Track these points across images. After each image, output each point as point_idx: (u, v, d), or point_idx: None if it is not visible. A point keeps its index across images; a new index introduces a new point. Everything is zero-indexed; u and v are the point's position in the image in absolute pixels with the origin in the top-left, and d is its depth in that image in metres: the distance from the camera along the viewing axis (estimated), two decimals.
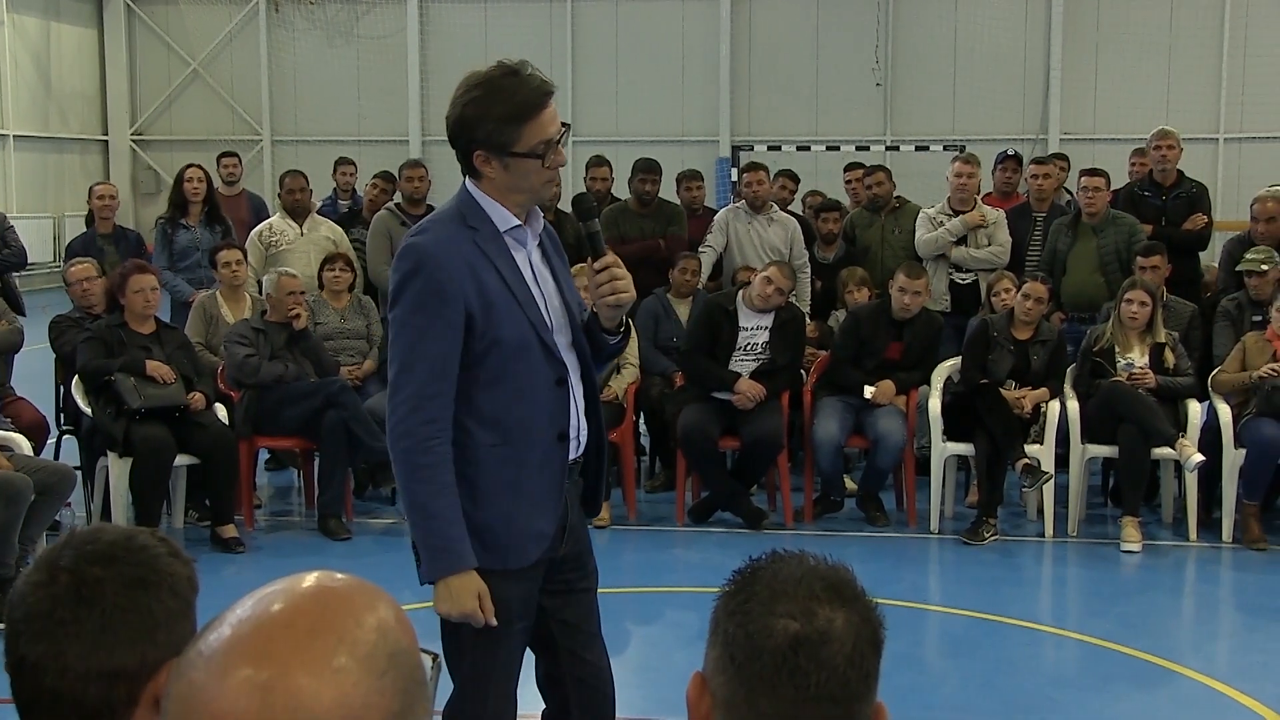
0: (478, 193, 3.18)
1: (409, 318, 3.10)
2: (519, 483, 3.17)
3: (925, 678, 5.57)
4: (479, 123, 3.09)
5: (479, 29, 22.13)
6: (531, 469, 3.19)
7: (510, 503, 3.17)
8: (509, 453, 3.16)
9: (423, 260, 3.09)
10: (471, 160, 3.15)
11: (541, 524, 3.20)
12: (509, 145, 3.09)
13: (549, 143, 3.10)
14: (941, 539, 7.58)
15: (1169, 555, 7.41)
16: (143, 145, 23.79)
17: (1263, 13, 19.99)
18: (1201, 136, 19.03)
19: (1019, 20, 20.89)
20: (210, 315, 8.17)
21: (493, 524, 3.15)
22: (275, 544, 7.55)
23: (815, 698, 1.45)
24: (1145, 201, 8.80)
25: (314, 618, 1.09)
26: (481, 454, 3.15)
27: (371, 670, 1.07)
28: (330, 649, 1.06)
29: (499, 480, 3.16)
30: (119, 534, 1.60)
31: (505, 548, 3.17)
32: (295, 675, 1.04)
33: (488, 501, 3.16)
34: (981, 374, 7.67)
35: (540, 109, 3.08)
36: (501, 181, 3.14)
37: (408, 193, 9.24)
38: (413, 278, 3.09)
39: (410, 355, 3.10)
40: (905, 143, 20.38)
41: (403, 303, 3.11)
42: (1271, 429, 7.26)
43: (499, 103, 3.07)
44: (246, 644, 1.06)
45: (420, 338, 3.08)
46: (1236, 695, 5.28)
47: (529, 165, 3.10)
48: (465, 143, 3.14)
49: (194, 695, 1.06)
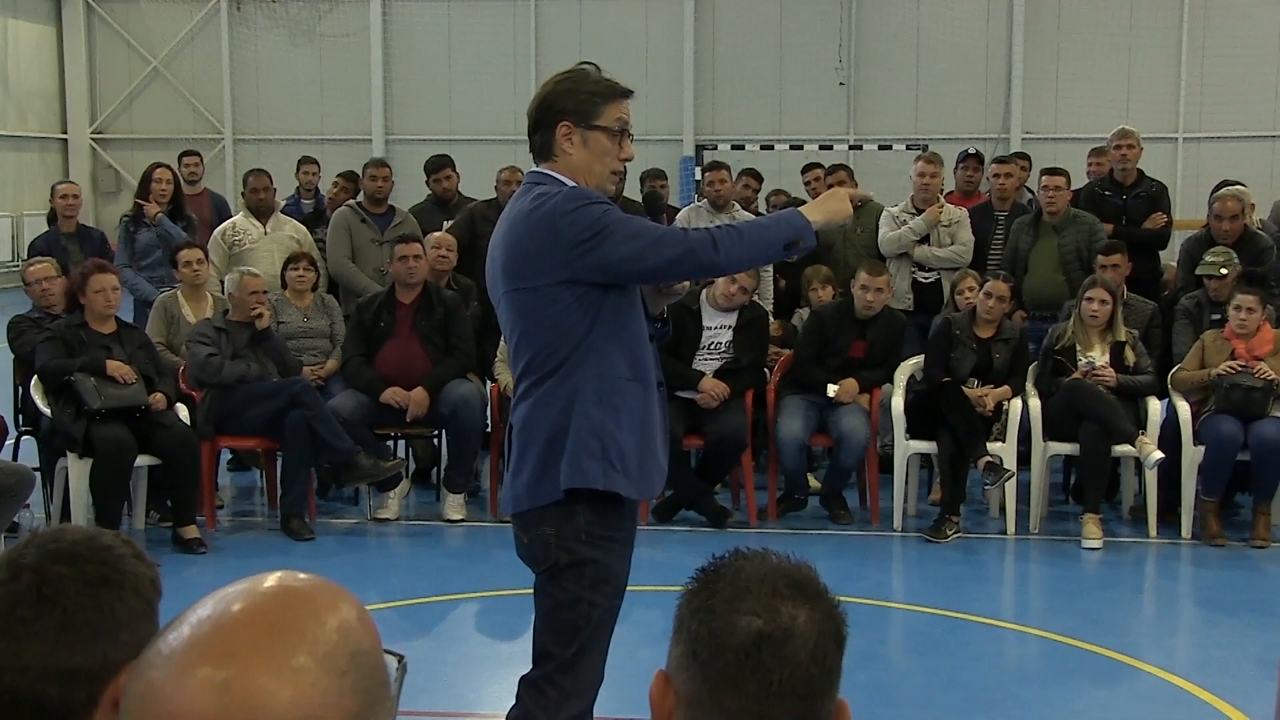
0: (553, 172, 3.37)
1: (604, 219, 3.26)
2: (648, 417, 3.40)
3: (888, 674, 5.60)
4: (569, 95, 3.34)
5: (442, 28, 22.07)
6: (652, 407, 3.43)
7: (645, 434, 3.39)
8: (639, 389, 3.38)
9: (586, 192, 3.31)
10: (555, 133, 3.34)
11: (662, 459, 3.46)
12: (594, 116, 3.33)
13: (625, 126, 3.37)
14: (905, 537, 7.61)
15: (1129, 551, 7.47)
16: (103, 144, 23.60)
17: (1220, 14, 20.17)
18: (1161, 136, 19.19)
19: (981, 20, 21.00)
20: (172, 315, 8.12)
21: (633, 451, 3.33)
22: (237, 545, 7.50)
23: (778, 694, 1.46)
24: (1105, 200, 8.87)
25: (274, 616, 1.08)
26: (621, 385, 3.34)
27: (331, 670, 1.07)
28: (290, 648, 1.06)
29: (635, 412, 3.35)
30: (83, 534, 1.59)
31: (641, 475, 3.36)
32: (253, 674, 1.04)
33: (628, 430, 3.33)
34: (944, 372, 7.71)
35: (624, 95, 3.39)
36: (578, 159, 3.35)
37: (370, 191, 9.20)
38: (588, 202, 3.27)
39: (630, 226, 3.28)
40: (868, 141, 20.45)
41: (588, 216, 3.25)
42: (1229, 426, 7.33)
43: (589, 81, 3.37)
44: (205, 643, 1.06)
45: (622, 220, 3.28)
46: (1195, 690, 5.33)
47: (606, 144, 3.34)
48: (553, 115, 3.35)
49: (152, 694, 1.05)
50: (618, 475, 3.28)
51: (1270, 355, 7.45)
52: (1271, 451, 7.29)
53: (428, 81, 21.89)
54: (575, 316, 3.28)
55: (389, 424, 7.90)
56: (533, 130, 3.40)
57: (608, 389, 3.29)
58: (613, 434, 3.28)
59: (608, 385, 3.29)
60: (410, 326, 7.88)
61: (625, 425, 3.30)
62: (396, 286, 7.99)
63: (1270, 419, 7.34)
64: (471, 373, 8.04)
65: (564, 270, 3.26)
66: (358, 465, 7.50)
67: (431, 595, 6.60)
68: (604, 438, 3.28)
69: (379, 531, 7.79)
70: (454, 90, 21.95)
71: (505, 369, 7.94)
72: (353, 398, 7.76)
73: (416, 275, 7.90)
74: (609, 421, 3.28)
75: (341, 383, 7.96)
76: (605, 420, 3.28)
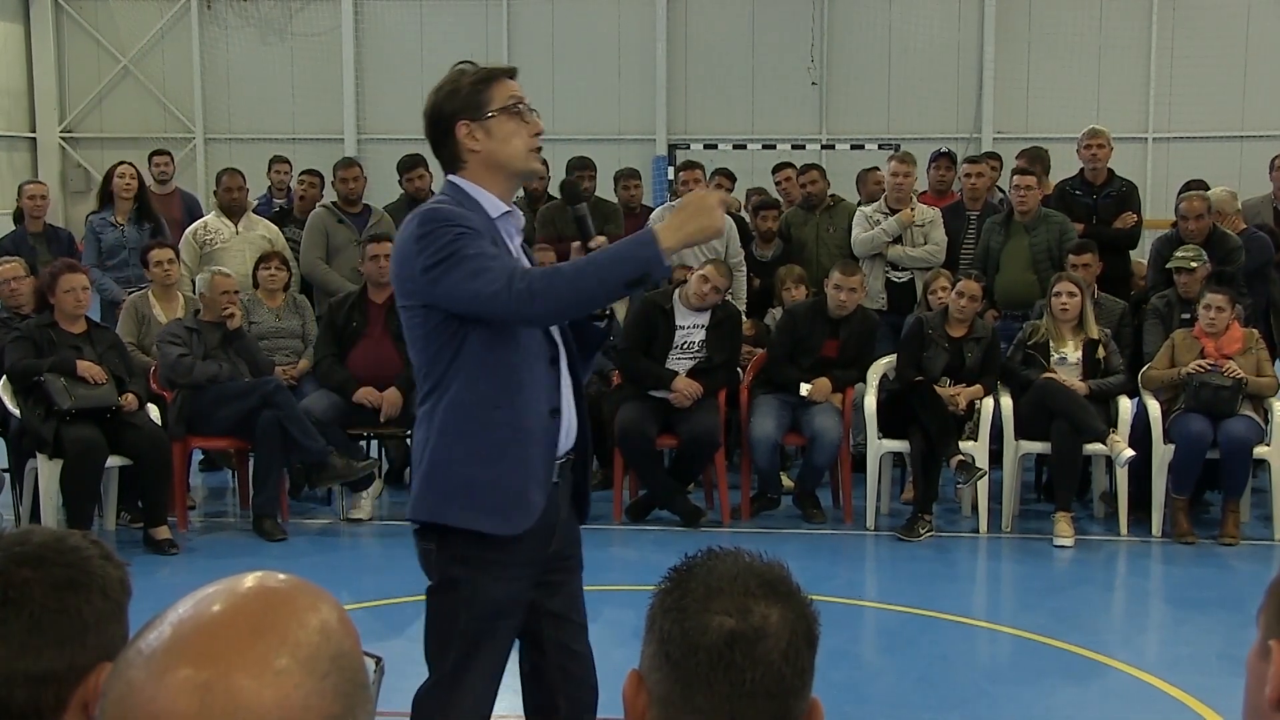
0: (464, 183, 3.21)
1: (452, 245, 3.05)
2: (516, 448, 3.17)
3: (861, 673, 5.62)
4: (453, 96, 3.20)
5: (414, 27, 22.00)
6: (526, 437, 3.18)
7: (508, 465, 3.16)
8: (508, 416, 3.16)
9: (451, 214, 3.11)
10: (456, 138, 3.18)
11: (535, 493, 3.19)
12: (486, 105, 3.17)
13: (521, 100, 3.19)
14: (877, 535, 7.63)
15: (1100, 550, 7.50)
16: (72, 143, 23.44)
17: (1189, 16, 20.28)
18: (1131, 136, 19.28)
19: (952, 20, 21.05)
20: (142, 315, 8.07)
21: (491, 483, 3.15)
22: (209, 545, 7.47)
23: (751, 693, 1.46)
24: (1076, 200, 8.91)
25: (256, 618, 1.08)
26: (483, 413, 3.14)
27: (313, 672, 1.07)
28: (272, 650, 1.06)
29: (498, 441, 3.15)
30: (49, 536, 1.57)
31: (502, 509, 3.15)
32: (235, 675, 1.04)
33: (487, 461, 3.14)
34: (916, 371, 7.74)
35: (504, 74, 3.23)
36: (487, 153, 3.18)
37: (343, 192, 9.16)
38: (445, 224, 3.08)
39: (471, 263, 3.04)
40: (840, 141, 20.48)
41: (437, 243, 3.06)
42: (1199, 424, 7.38)
43: (465, 75, 3.22)
44: (187, 643, 1.05)
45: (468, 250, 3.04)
46: (1165, 686, 5.36)
47: (510, 126, 3.18)
48: (447, 122, 3.19)
49: (132, 695, 1.04)
50: (473, 511, 3.13)
51: (1239, 354, 7.51)
52: (1240, 449, 7.35)
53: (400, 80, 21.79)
54: (442, 339, 3.13)
55: (361, 424, 7.87)
56: (436, 147, 3.26)
57: (466, 419, 3.13)
58: (467, 467, 3.13)
59: (466, 414, 3.13)
60: (383, 326, 7.85)
61: (484, 458, 3.14)
62: (369, 286, 7.97)
63: (1239, 417, 7.40)
64: None
65: (421, 294, 3.13)
66: (330, 465, 7.48)
67: (404, 595, 6.57)
68: (459, 472, 3.14)
69: (352, 532, 7.76)
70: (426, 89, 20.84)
71: None
72: (325, 398, 7.74)
73: (387, 274, 7.85)
74: (464, 453, 3.13)
75: (314, 383, 7.93)
76: (460, 453, 3.14)
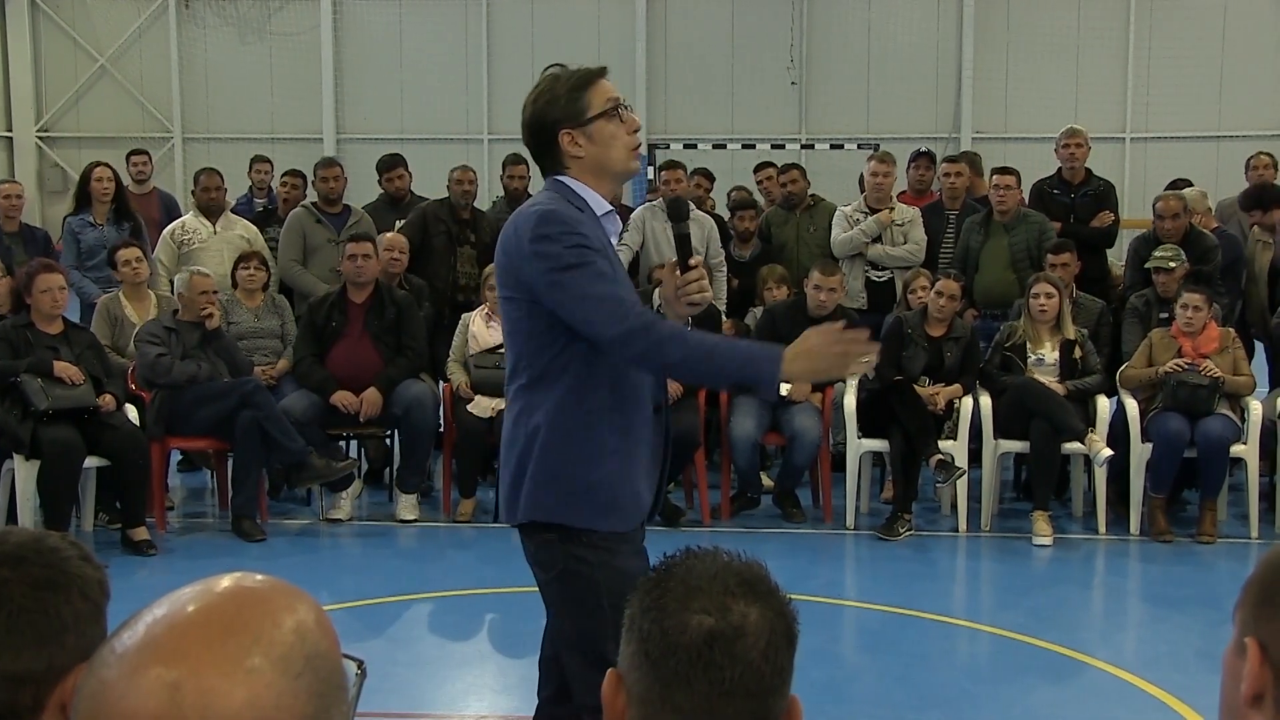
0: (571, 181, 3.25)
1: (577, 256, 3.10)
2: (628, 447, 3.22)
3: (840, 672, 5.62)
4: (551, 105, 3.23)
5: (393, 26, 21.95)
6: (636, 435, 3.25)
7: (620, 465, 3.21)
8: (620, 417, 3.21)
9: (570, 218, 3.14)
10: (559, 144, 3.22)
11: (644, 492, 3.27)
12: (585, 111, 3.21)
13: (618, 101, 3.26)
14: (857, 535, 7.65)
15: (1079, 548, 7.53)
16: (49, 142, 23.31)
17: (1165, 16, 20.37)
18: (1108, 136, 19.35)
19: (931, 20, 21.10)
20: (114, 316, 8.02)
21: (604, 483, 3.18)
22: (188, 546, 7.44)
23: (730, 692, 1.47)
24: (1054, 199, 8.94)
25: (229, 617, 1.07)
26: (596, 415, 3.18)
27: (286, 672, 1.06)
28: (244, 649, 1.05)
29: (610, 441, 3.19)
30: (28, 536, 1.57)
31: (615, 508, 3.19)
32: (206, 674, 1.03)
33: (600, 461, 3.18)
34: (896, 371, 7.75)
35: (598, 76, 3.28)
36: (591, 158, 3.23)
37: (323, 192, 9.13)
38: (568, 231, 3.12)
39: (595, 286, 3.09)
40: (820, 141, 20.50)
41: (560, 245, 3.10)
42: (1177, 423, 7.41)
43: (559, 81, 3.26)
44: (159, 642, 1.05)
45: (591, 268, 3.10)
46: (1143, 684, 5.38)
47: (609, 129, 3.24)
48: (550, 129, 3.23)
49: (104, 693, 1.04)
50: (590, 510, 3.16)
51: (1216, 353, 7.54)
52: (1217, 448, 7.38)
53: (379, 80, 21.76)
54: (553, 335, 3.16)
55: (341, 424, 7.86)
56: (538, 156, 3.29)
57: (576, 417, 3.16)
58: (581, 468, 3.16)
59: (577, 414, 3.16)
60: (362, 326, 7.84)
61: (593, 456, 3.17)
62: (348, 286, 7.95)
63: (1216, 416, 7.44)
64: (424, 373, 8.01)
65: (532, 292, 3.16)
66: (309, 466, 7.46)
67: (384, 596, 6.57)
68: (574, 473, 3.16)
69: (331, 532, 7.74)
70: (405, 89, 21.83)
71: (458, 369, 7.92)
72: (304, 398, 7.72)
73: (365, 274, 7.86)
74: (574, 453, 3.16)
75: (293, 383, 7.91)
76: (569, 452, 3.16)
